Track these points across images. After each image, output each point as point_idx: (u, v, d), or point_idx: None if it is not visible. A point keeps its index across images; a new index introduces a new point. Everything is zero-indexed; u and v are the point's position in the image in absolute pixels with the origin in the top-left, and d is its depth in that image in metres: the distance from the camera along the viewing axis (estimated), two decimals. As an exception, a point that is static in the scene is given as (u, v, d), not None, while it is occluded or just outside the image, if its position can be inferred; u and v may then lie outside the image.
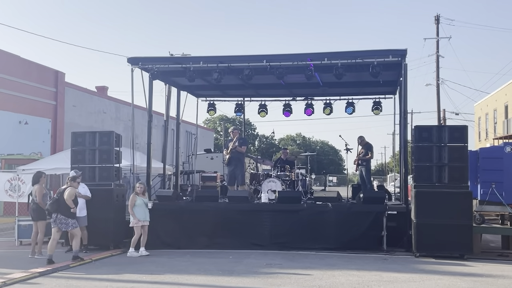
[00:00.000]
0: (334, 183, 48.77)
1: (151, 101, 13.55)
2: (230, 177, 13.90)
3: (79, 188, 11.41)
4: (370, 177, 14.78)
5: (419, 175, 11.09)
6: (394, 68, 12.70)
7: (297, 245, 11.59)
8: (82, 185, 11.61)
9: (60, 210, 10.04)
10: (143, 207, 11.23)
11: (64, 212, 10.05)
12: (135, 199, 11.20)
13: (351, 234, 11.54)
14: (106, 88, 28.66)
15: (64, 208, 10.06)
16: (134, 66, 12.87)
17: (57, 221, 10.05)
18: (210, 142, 40.13)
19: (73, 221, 10.19)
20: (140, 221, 11.11)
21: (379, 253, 11.21)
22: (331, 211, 11.75)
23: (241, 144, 13.90)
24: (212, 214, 12.05)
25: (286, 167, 14.63)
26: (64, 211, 10.05)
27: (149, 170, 13.57)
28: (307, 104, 16.29)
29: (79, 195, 11.31)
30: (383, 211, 11.58)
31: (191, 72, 12.64)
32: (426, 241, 10.76)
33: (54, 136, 22.93)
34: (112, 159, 12.18)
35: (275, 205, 12.26)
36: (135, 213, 11.12)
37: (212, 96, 16.88)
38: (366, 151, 14.53)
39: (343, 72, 11.95)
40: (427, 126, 11.25)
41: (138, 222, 11.09)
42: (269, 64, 12.22)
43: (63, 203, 10.04)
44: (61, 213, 10.03)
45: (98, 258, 10.80)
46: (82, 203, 11.44)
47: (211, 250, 11.55)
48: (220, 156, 21.25)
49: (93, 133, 12.49)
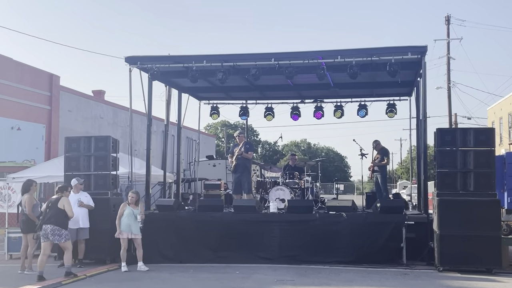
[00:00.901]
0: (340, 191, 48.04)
1: (151, 104, 13.05)
2: (236, 185, 13.35)
3: (82, 197, 11.02)
4: (386, 185, 14.16)
5: (442, 182, 10.48)
6: (411, 67, 12.15)
7: (309, 258, 11.02)
8: (84, 194, 11.20)
9: (53, 220, 9.43)
10: (131, 218, 10.57)
11: (58, 222, 9.44)
12: (124, 209, 10.62)
13: (367, 247, 10.96)
14: (103, 93, 28.02)
15: (58, 218, 9.46)
16: (132, 65, 12.34)
17: (49, 233, 9.44)
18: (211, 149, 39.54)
19: (66, 233, 9.60)
20: (123, 233, 10.50)
21: (399, 267, 10.59)
22: (346, 221, 11.19)
23: (247, 150, 13.37)
24: (216, 225, 11.51)
25: (295, 174, 14.04)
26: (58, 221, 9.45)
27: (148, 177, 13.02)
28: (317, 106, 15.72)
29: (81, 204, 10.90)
30: (402, 222, 10.99)
31: (194, 72, 12.08)
32: (450, 254, 10.16)
33: (49, 142, 22.35)
34: (108, 166, 11.67)
35: (285, 215, 11.69)
36: (120, 223, 10.54)
37: (216, 98, 16.36)
38: (382, 157, 13.92)
39: (357, 71, 11.38)
40: (451, 129, 10.78)
41: (120, 233, 10.51)
42: (277, 62, 11.64)
43: (58, 212, 9.45)
44: (55, 224, 9.42)
45: (93, 274, 10.19)
46: (84, 213, 11.01)
47: (216, 265, 10.98)
48: (223, 163, 20.86)
49: (88, 138, 11.98)
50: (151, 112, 13.17)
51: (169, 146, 18.04)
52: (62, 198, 9.63)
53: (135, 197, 10.70)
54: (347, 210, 11.48)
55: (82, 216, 10.91)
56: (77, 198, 10.95)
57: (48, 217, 9.50)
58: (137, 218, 10.61)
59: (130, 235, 10.54)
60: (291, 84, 14.21)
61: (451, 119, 34.57)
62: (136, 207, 10.69)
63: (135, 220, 10.59)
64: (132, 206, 10.65)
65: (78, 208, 10.80)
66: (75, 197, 10.92)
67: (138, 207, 10.73)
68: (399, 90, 14.82)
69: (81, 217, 10.89)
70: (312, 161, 15.13)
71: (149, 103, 12.93)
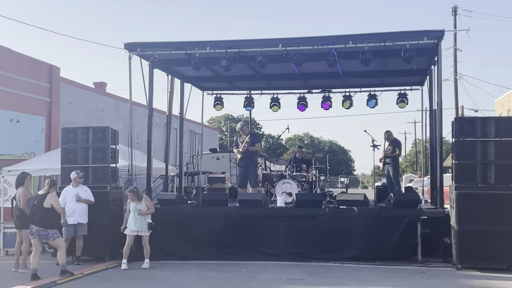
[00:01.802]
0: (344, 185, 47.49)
1: (152, 93, 12.38)
2: (241, 178, 12.77)
3: (81, 192, 10.44)
4: (398, 177, 13.52)
5: (460, 174, 9.82)
6: (426, 53, 11.45)
7: (319, 255, 10.44)
8: (84, 188, 10.62)
9: (38, 221, 8.83)
10: (134, 214, 10.03)
11: (43, 223, 8.81)
12: (129, 205, 10.11)
13: (380, 243, 10.38)
14: (104, 84, 27.41)
15: (44, 218, 8.84)
16: (132, 53, 11.69)
17: (35, 233, 8.84)
18: (215, 142, 38.87)
19: (54, 231, 8.97)
20: (128, 229, 9.99)
21: (414, 265, 9.98)
22: (357, 216, 10.58)
23: (253, 142, 12.74)
24: (220, 220, 10.92)
25: (303, 166, 13.40)
26: (43, 222, 8.82)
27: (149, 171, 12.38)
28: (324, 96, 15.06)
29: (79, 199, 10.32)
30: (417, 216, 10.38)
31: (196, 59, 11.43)
32: (469, 251, 9.53)
33: (49, 135, 21.69)
34: (107, 158, 11.07)
35: (293, 209, 11.09)
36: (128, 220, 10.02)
37: (219, 89, 15.68)
38: (394, 148, 13.25)
39: (370, 57, 10.71)
40: (470, 118, 10.13)
41: (124, 229, 10.04)
42: (285, 48, 10.97)
43: (44, 212, 8.84)
44: (40, 225, 8.80)
45: (91, 272, 9.61)
46: (83, 208, 10.47)
47: (221, 262, 10.39)
48: (226, 156, 20.32)
49: (86, 129, 11.40)
50: (152, 102, 12.54)
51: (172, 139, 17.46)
52: (48, 195, 9.00)
53: (132, 195, 10.07)
54: (359, 204, 10.87)
55: (80, 212, 10.37)
56: (75, 192, 10.39)
57: (33, 216, 8.91)
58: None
59: (136, 232, 9.99)
60: (298, 73, 13.59)
61: (458, 111, 33.85)
62: (139, 202, 10.07)
63: (140, 217, 10.01)
64: (136, 202, 10.05)
65: (76, 203, 10.27)
66: (73, 191, 10.38)
67: (142, 202, 10.10)
68: (411, 79, 14.17)
69: (79, 212, 10.35)
70: (320, 154, 14.44)
71: (149, 92, 12.31)
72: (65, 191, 10.32)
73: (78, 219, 10.34)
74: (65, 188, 10.51)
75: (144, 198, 10.18)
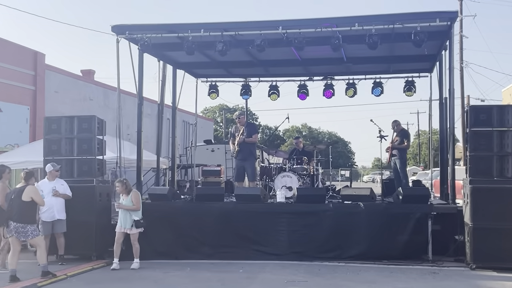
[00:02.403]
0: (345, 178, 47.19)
1: (141, 79, 11.87)
2: (238, 172, 12.29)
3: (57, 185, 9.97)
4: (405, 171, 13.08)
5: (475, 167, 9.39)
6: (437, 37, 11.02)
7: (322, 254, 10.06)
8: (60, 182, 10.15)
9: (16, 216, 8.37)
10: (122, 210, 9.58)
11: (22, 219, 8.36)
12: None
13: (388, 241, 9.98)
14: (92, 72, 27.13)
15: (22, 213, 8.38)
16: (120, 36, 11.19)
17: (13, 229, 8.39)
18: (209, 133, 38.50)
19: (33, 228, 8.52)
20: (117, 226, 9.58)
21: (424, 264, 9.59)
22: (363, 212, 10.16)
23: (250, 133, 12.25)
24: (216, 217, 10.51)
25: (304, 159, 12.93)
26: (22, 218, 8.37)
27: (139, 163, 11.92)
28: (327, 84, 14.65)
29: (56, 193, 9.84)
30: (428, 212, 9.97)
31: (190, 42, 10.93)
32: (485, 250, 9.11)
33: (33, 125, 21.26)
34: (93, 150, 10.64)
35: (294, 205, 10.67)
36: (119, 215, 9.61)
37: (214, 76, 15.25)
38: (402, 139, 12.79)
39: (378, 41, 10.25)
40: (486, 106, 9.67)
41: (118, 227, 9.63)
42: (285, 31, 10.51)
43: (22, 207, 8.37)
44: (18, 221, 8.35)
45: (75, 273, 9.16)
46: (60, 203, 10.00)
47: (216, 261, 9.98)
48: (222, 148, 19.93)
49: (70, 118, 10.90)
50: (142, 90, 12.03)
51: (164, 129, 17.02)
52: (27, 188, 8.54)
53: (120, 187, 9.61)
54: (365, 199, 10.46)
55: (58, 207, 9.89)
56: (52, 186, 9.89)
57: (10, 211, 8.44)
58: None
59: (123, 229, 9.54)
60: (299, 59, 13.12)
61: (464, 101, 33.44)
62: (126, 197, 9.61)
63: (126, 212, 9.56)
64: (124, 196, 9.59)
65: (53, 198, 9.77)
66: (50, 185, 9.89)
67: (129, 197, 9.63)
68: (419, 65, 13.77)
69: (56, 208, 9.87)
70: (322, 145, 13.98)
71: (139, 78, 11.80)
72: (40, 185, 9.82)
73: (56, 215, 9.88)
74: (40, 182, 10.02)
75: (131, 193, 9.70)
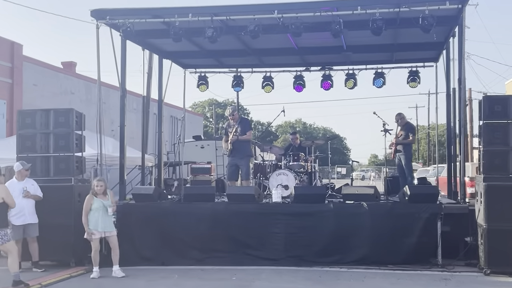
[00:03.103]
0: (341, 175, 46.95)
1: (124, 69, 11.34)
2: (231, 170, 11.86)
3: (28, 185, 9.46)
4: (411, 167, 12.63)
5: (490, 163, 8.97)
6: (445, 22, 10.52)
7: (322, 259, 9.65)
8: (30, 182, 9.65)
9: None
10: (101, 212, 9.01)
11: None
12: (91, 202, 9.00)
13: (394, 244, 9.58)
14: (74, 64, 26.89)
15: None
16: (100, 21, 10.66)
17: None
18: (199, 129, 38.14)
19: (4, 232, 7.99)
20: (95, 232, 8.92)
21: (434, 269, 9.17)
22: (367, 213, 9.74)
23: (244, 130, 11.84)
24: (206, 219, 10.07)
25: (301, 155, 12.46)
26: None
27: (122, 160, 11.42)
28: (325, 75, 14.21)
29: (27, 194, 9.33)
30: (437, 213, 9.57)
31: (177, 28, 10.41)
32: (500, 253, 8.72)
33: (10, 120, 20.75)
34: (71, 146, 10.14)
35: (292, 205, 10.25)
36: (88, 220, 8.94)
37: (204, 66, 14.81)
38: (407, 133, 12.33)
39: (382, 26, 9.79)
40: (501, 97, 9.33)
41: (89, 233, 8.91)
42: (281, 15, 10.02)
43: None
44: None
45: (51, 281, 8.64)
46: (31, 205, 9.50)
47: (207, 267, 9.54)
48: (212, 144, 19.55)
49: (46, 112, 10.37)
50: (125, 80, 11.46)
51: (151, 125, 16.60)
52: None
53: (104, 186, 9.11)
54: (368, 198, 10.02)
55: (29, 210, 9.39)
56: (21, 186, 9.37)
57: None
58: (108, 211, 9.06)
59: (103, 233, 9.01)
60: (295, 47, 12.69)
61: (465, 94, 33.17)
62: (105, 197, 9.11)
63: (107, 214, 9.05)
64: (101, 197, 9.07)
65: (23, 200, 9.25)
66: (19, 185, 9.37)
67: (108, 197, 9.16)
68: (424, 54, 13.41)
69: (28, 210, 9.36)
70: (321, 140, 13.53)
71: (122, 68, 11.28)
72: (9, 185, 9.26)
73: (27, 218, 9.38)
74: (8, 182, 9.45)
75: (109, 192, 9.27)
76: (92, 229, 8.89)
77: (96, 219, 8.94)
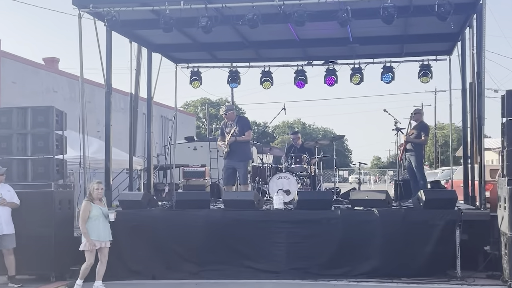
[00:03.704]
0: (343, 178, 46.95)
1: (109, 62, 11.21)
2: (228, 174, 11.64)
3: (3, 192, 9.32)
4: (423, 170, 12.31)
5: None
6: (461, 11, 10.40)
7: (328, 271, 9.53)
8: (6, 188, 9.49)
9: None
10: (101, 220, 8.74)
11: None
12: (89, 208, 8.65)
13: (408, 254, 9.44)
14: (56, 61, 26.75)
15: None
16: (83, 10, 10.48)
17: None
18: (191, 130, 38.10)
19: None
20: (98, 242, 8.60)
21: (452, 282, 9.00)
22: (378, 220, 9.56)
23: (242, 130, 11.61)
24: (201, 227, 9.94)
25: (303, 157, 12.16)
26: None
27: (108, 163, 11.30)
28: (328, 70, 14.09)
29: (3, 202, 9.18)
30: (456, 220, 9.38)
31: (167, 18, 10.17)
32: (527, 265, 8.48)
33: (-12, 121, 20.53)
34: (51, 148, 9.98)
35: (294, 212, 10.10)
36: (88, 230, 8.58)
37: (197, 61, 14.76)
38: (419, 132, 11.94)
39: (394, 13, 9.58)
40: (527, 91, 8.88)
41: (93, 244, 8.56)
42: (283, 3, 9.79)
43: None
44: None
45: (28, 298, 8.35)
46: (8, 214, 9.34)
47: (202, 281, 9.46)
48: (205, 146, 19.35)
49: (23, 110, 10.23)
50: (111, 75, 11.38)
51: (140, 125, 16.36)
52: None
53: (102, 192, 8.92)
54: (379, 204, 9.80)
55: (5, 219, 9.19)
56: None
57: None
58: (107, 217, 8.88)
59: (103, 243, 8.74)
60: (297, 39, 12.57)
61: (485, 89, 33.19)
62: (101, 203, 8.92)
63: (107, 222, 8.85)
64: (98, 203, 8.81)
65: None
66: None
67: (104, 203, 8.99)
68: (437, 46, 13.33)
69: (4, 219, 9.17)
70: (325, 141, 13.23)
71: (107, 61, 11.14)
72: None
73: (3, 228, 9.16)
74: None
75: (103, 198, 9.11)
76: (94, 239, 8.58)
77: (97, 228, 8.65)
